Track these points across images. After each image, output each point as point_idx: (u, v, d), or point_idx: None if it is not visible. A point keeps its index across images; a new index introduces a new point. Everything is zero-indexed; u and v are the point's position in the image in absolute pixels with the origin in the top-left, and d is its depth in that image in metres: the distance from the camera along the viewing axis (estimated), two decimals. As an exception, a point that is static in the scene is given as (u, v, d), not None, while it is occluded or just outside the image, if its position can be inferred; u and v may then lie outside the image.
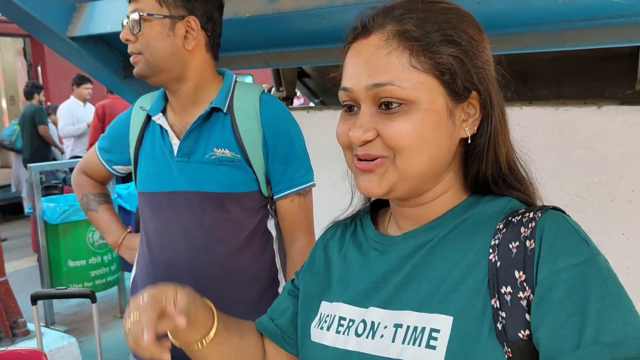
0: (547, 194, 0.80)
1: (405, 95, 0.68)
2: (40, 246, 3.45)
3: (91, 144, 5.51)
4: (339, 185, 0.88)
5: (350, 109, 0.73)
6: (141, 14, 1.25)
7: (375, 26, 0.71)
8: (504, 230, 0.69)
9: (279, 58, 2.31)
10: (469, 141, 0.73)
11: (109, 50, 2.68)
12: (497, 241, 0.68)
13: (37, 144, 6.02)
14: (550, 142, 1.79)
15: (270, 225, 1.42)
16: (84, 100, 5.99)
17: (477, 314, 0.66)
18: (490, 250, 0.68)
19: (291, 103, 2.84)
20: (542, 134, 1.82)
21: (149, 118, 1.40)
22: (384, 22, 0.70)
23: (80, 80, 5.88)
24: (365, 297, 0.77)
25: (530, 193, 0.77)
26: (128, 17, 1.29)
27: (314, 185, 1.41)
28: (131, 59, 1.30)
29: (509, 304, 0.64)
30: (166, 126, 1.35)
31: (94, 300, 1.53)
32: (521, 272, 0.65)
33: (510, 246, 0.67)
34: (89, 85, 5.94)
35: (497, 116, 0.72)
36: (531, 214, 0.68)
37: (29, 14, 2.26)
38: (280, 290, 1.43)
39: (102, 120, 5.29)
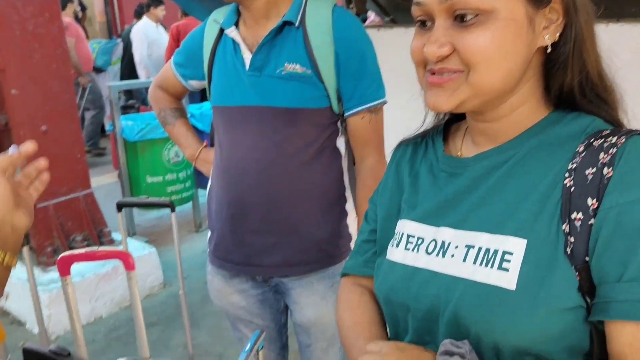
0: (635, 112, 0.76)
1: (482, 5, 0.64)
2: (121, 162, 3.66)
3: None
4: (410, 105, 0.86)
5: (424, 24, 0.70)
6: None
7: None
8: (583, 153, 0.66)
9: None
10: (549, 50, 0.69)
11: (182, -33, 2.68)
12: (574, 165, 0.66)
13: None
14: (638, 60, 1.66)
15: (340, 142, 1.42)
16: (158, 22, 6.03)
17: (550, 238, 0.65)
18: (567, 175, 0.66)
19: (364, 20, 2.76)
20: (629, 52, 1.68)
21: (221, 32, 1.40)
22: None
23: (154, 2, 5.90)
24: (435, 216, 0.77)
25: (617, 107, 0.72)
26: None
27: (385, 102, 1.38)
28: None
29: (578, 230, 0.63)
30: (238, 40, 1.34)
31: (173, 209, 1.61)
32: (594, 200, 0.63)
33: (587, 172, 0.64)
34: (161, 8, 5.97)
35: (582, 20, 0.67)
36: (614, 139, 0.64)
37: None
38: (347, 207, 1.45)
39: (176, 40, 5.36)
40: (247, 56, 1.33)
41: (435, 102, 0.70)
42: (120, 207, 1.64)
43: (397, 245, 0.79)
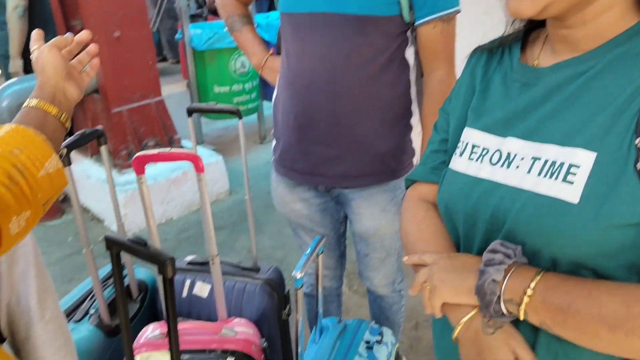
0: None
1: None
2: (190, 71, 3.72)
3: None
4: (489, 15, 0.80)
5: None
6: None
7: None
8: None
9: None
10: None
11: None
12: None
13: None
14: None
15: (409, 53, 1.37)
16: None
17: (622, 152, 0.61)
18: None
19: None
20: None
21: None
22: None
23: None
24: (503, 126, 0.74)
25: None
26: None
27: (459, 11, 1.30)
28: None
29: None
30: None
31: (240, 117, 1.63)
32: None
33: None
34: None
35: None
36: None
37: None
38: (412, 121, 1.43)
39: None
40: None
41: (517, 7, 0.65)
42: (190, 112, 1.68)
43: (461, 155, 0.78)
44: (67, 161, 1.38)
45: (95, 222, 3.15)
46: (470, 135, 0.78)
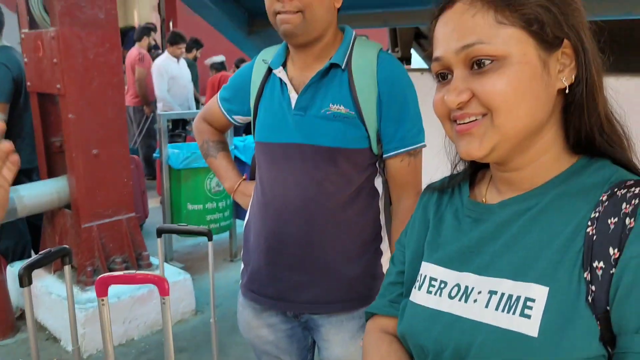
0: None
1: (495, 51, 0.68)
2: (164, 188, 3.77)
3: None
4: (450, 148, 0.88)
5: (444, 77, 0.74)
6: None
7: None
8: (606, 203, 0.67)
9: (397, 17, 2.29)
10: (567, 92, 0.71)
11: (236, 7, 2.80)
12: (597, 214, 0.67)
13: None
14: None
15: (378, 182, 1.44)
16: (177, 58, 6.09)
17: (572, 286, 0.65)
18: (589, 223, 0.67)
19: (408, 63, 2.81)
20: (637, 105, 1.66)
21: (269, 71, 1.44)
22: None
23: (174, 40, 5.94)
24: (459, 261, 0.77)
25: (629, 150, 0.74)
26: None
27: (424, 146, 1.40)
28: (283, 17, 1.29)
29: (599, 279, 0.64)
30: (286, 80, 1.38)
31: (210, 238, 1.66)
32: (616, 250, 0.63)
33: (609, 221, 0.65)
34: (182, 45, 6.01)
35: (591, 63, 0.70)
36: (637, 190, 0.65)
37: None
38: (382, 246, 1.46)
39: (215, 89, 5.55)
40: (294, 96, 1.37)
41: (467, 150, 0.72)
42: (160, 233, 1.69)
43: (420, 288, 0.80)
44: (27, 280, 1.36)
45: (51, 341, 2.98)
46: (428, 269, 0.81)
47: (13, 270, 3.22)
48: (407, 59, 2.85)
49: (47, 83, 3.04)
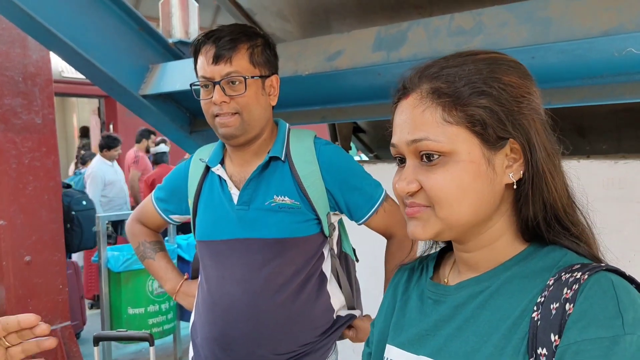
0: (611, 248, 0.79)
1: (441, 148, 0.71)
2: (103, 293, 3.58)
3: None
4: None
5: (402, 161, 0.77)
6: (245, 77, 1.31)
7: (412, 87, 0.76)
8: (552, 287, 0.68)
9: (335, 113, 2.39)
10: (514, 186, 0.74)
11: (177, 107, 2.86)
12: (542, 299, 0.68)
13: None
14: (611, 195, 1.76)
15: (325, 267, 1.44)
16: (112, 160, 6.00)
17: None
18: (535, 308, 0.68)
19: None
20: (601, 187, 1.78)
21: (207, 169, 1.46)
22: (420, 82, 0.75)
23: (110, 144, 5.91)
24: (417, 344, 0.78)
25: (588, 238, 0.75)
26: (212, 79, 1.31)
27: (386, 192, 1.44)
28: (222, 119, 1.32)
29: None
30: (225, 177, 1.40)
31: (152, 343, 1.58)
32: (556, 336, 0.64)
33: (552, 306, 0.66)
34: (118, 150, 5.97)
35: (540, 160, 0.73)
36: (579, 274, 0.67)
37: (107, 75, 2.45)
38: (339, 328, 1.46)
39: (150, 188, 5.55)
40: (235, 192, 1.39)
41: (413, 232, 0.75)
42: (97, 340, 1.60)
43: None
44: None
45: None
46: (390, 352, 0.81)
47: None
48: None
49: (-22, 189, 2.93)
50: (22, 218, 2.92)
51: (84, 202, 3.86)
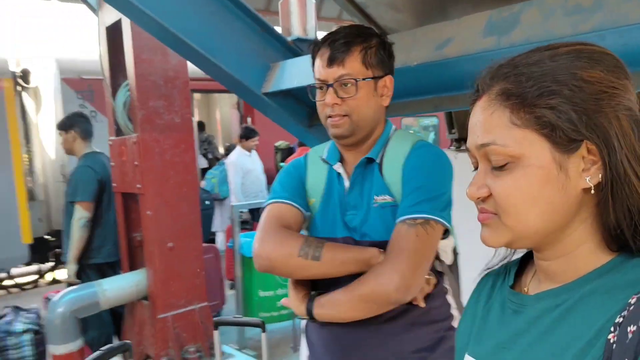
0: None
1: (509, 153, 0.68)
2: (237, 277, 3.88)
3: None
4: None
5: (476, 167, 0.75)
6: (357, 79, 1.32)
7: (484, 88, 0.73)
8: (633, 306, 0.61)
9: (447, 102, 2.33)
10: (592, 191, 0.68)
11: (296, 103, 2.98)
12: (621, 319, 0.62)
13: None
14: None
15: (436, 264, 1.43)
16: (250, 150, 6.36)
17: None
18: (612, 329, 0.62)
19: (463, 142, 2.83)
20: None
21: (327, 166, 1.46)
22: (491, 83, 0.72)
23: (248, 134, 6.26)
24: (493, 356, 0.76)
25: None
26: (325, 81, 1.32)
27: (437, 221, 1.28)
28: (333, 120, 1.33)
29: None
30: (344, 175, 1.42)
31: (263, 329, 1.69)
32: None
33: (629, 329, 0.60)
34: (255, 140, 6.31)
35: (621, 162, 0.66)
36: None
37: (232, 76, 2.64)
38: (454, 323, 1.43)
39: None
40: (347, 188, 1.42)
41: (484, 238, 0.73)
42: (216, 325, 1.75)
43: None
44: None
45: None
46: None
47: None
48: (464, 139, 2.87)
49: (129, 183, 3.32)
50: (165, 209, 3.25)
51: (207, 202, 4.19)
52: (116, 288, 3.19)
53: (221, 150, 9.51)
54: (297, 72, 2.64)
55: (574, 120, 0.66)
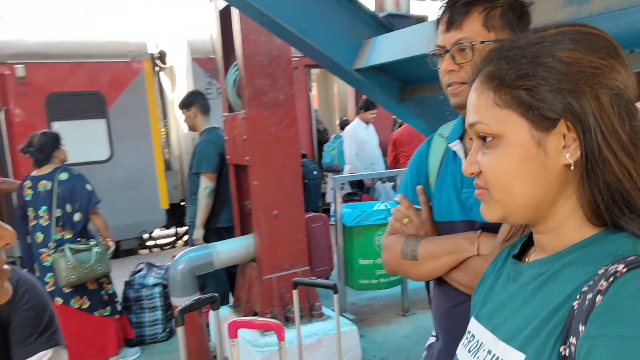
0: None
1: (491, 131, 0.74)
2: (338, 245, 4.08)
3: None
4: None
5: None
6: (473, 43, 1.19)
7: (477, 70, 0.79)
8: (597, 277, 0.66)
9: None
10: (572, 167, 0.71)
11: (388, 78, 3.05)
12: (587, 288, 0.66)
13: None
14: None
15: None
16: (367, 123, 6.48)
17: (546, 358, 0.67)
18: (578, 296, 0.66)
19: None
20: None
21: (445, 144, 1.37)
22: (481, 67, 0.78)
23: (366, 106, 6.38)
24: (489, 317, 0.83)
25: None
26: (443, 47, 1.24)
27: None
28: (452, 89, 1.25)
29: (573, 355, 0.64)
30: (461, 154, 1.30)
31: (335, 291, 1.84)
32: (582, 327, 0.63)
33: (588, 297, 0.64)
34: (374, 112, 6.40)
35: (597, 141, 0.69)
36: (620, 267, 0.64)
37: (325, 55, 2.79)
38: None
39: (395, 148, 5.85)
40: None
41: (481, 213, 0.80)
42: (295, 285, 1.94)
43: (463, 343, 0.87)
44: (180, 321, 1.70)
45: (238, 379, 3.43)
46: (472, 324, 0.88)
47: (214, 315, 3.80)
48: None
49: (240, 156, 3.64)
50: (271, 179, 3.52)
51: (315, 172, 4.39)
52: (228, 250, 3.55)
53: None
54: (389, 47, 2.71)
55: (547, 100, 0.71)
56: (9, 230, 0.86)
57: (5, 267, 0.85)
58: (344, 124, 7.60)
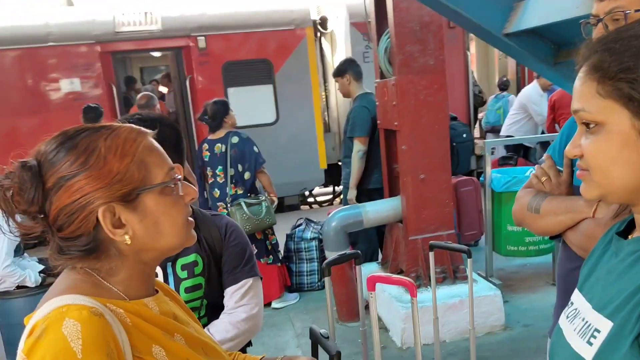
0: None
1: (593, 118, 0.81)
2: (486, 210, 4.07)
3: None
4: None
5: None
6: (627, 12, 1.16)
7: (581, 59, 0.85)
8: None
9: None
10: None
11: (540, 40, 2.94)
12: None
13: None
14: None
15: None
16: (545, 90, 6.12)
17: (629, 326, 0.74)
18: None
19: None
20: None
21: None
22: (586, 55, 0.84)
23: None
24: (588, 289, 0.91)
25: None
26: (597, 16, 1.23)
27: None
28: None
29: None
30: None
31: (469, 255, 1.95)
32: None
33: None
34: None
35: None
36: None
37: (473, 21, 2.80)
38: None
39: (553, 110, 5.46)
40: None
41: (581, 192, 0.88)
42: (431, 247, 2.09)
43: (565, 310, 0.96)
44: (327, 272, 1.96)
45: (382, 330, 3.69)
46: (574, 295, 0.96)
47: (364, 270, 4.09)
48: None
49: (389, 121, 3.80)
50: (418, 144, 3.63)
51: (464, 135, 4.36)
52: (376, 210, 3.78)
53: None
54: (542, 9, 2.63)
55: None
56: (193, 188, 1.06)
57: (190, 218, 1.06)
58: (504, 85, 7.29)
